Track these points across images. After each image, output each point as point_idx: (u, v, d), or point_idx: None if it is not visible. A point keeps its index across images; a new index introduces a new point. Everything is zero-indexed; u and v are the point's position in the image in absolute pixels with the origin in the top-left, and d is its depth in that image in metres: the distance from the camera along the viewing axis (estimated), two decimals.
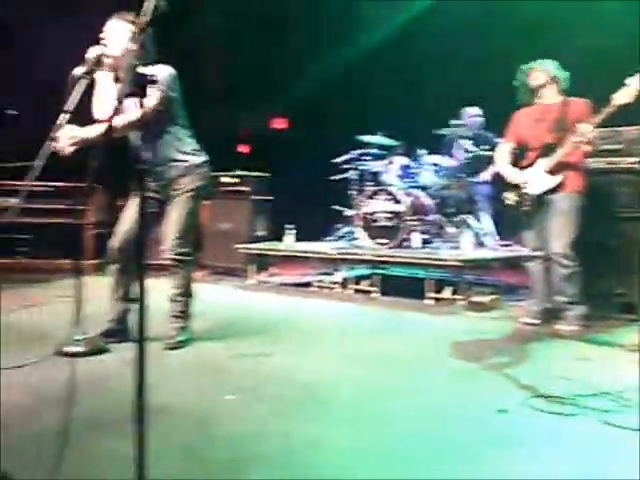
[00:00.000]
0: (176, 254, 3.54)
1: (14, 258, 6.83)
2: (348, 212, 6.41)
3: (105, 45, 3.35)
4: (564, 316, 4.12)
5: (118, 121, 3.15)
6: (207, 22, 8.01)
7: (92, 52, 3.26)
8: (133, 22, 3.41)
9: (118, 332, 3.60)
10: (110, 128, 1.90)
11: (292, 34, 8.66)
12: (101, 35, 3.41)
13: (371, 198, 5.99)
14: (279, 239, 6.61)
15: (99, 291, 3.60)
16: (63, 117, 2.97)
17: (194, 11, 7.32)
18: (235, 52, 8.75)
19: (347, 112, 8.02)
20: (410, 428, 2.38)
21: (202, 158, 3.68)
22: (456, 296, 5.08)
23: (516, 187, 4.26)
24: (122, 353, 3.32)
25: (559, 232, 4.04)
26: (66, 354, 3.20)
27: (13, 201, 6.64)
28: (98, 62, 3.28)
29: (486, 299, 4.91)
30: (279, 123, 9.98)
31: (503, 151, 4.45)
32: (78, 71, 3.09)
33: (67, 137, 3.17)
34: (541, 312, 4.32)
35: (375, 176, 6.37)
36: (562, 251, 4.00)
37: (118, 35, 3.40)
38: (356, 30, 8.25)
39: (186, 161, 3.58)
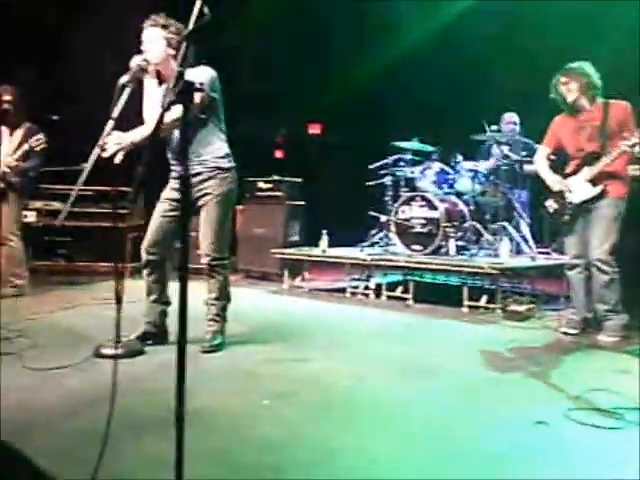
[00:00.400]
0: (211, 260, 3.57)
1: (54, 261, 7.00)
2: (383, 218, 6.39)
3: (145, 53, 3.42)
4: (604, 326, 4.03)
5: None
6: (245, 26, 8.07)
7: (134, 61, 3.34)
8: (165, 26, 3.48)
9: (155, 335, 3.65)
10: (156, 131, 1.93)
11: (329, 38, 8.67)
12: (142, 43, 3.48)
13: (406, 204, 5.95)
14: (313, 244, 6.62)
15: (138, 294, 3.66)
16: (109, 124, 3.05)
17: (232, 16, 7.39)
18: (271, 57, 8.82)
19: (383, 117, 7.99)
20: (445, 438, 2.35)
21: (231, 164, 3.68)
22: (492, 304, 5.01)
23: (557, 195, 4.19)
24: (160, 355, 3.37)
25: (601, 238, 3.95)
26: (104, 356, 3.26)
27: (56, 205, 6.82)
28: (141, 70, 3.36)
29: (523, 308, 4.82)
30: (314, 128, 10.01)
31: (541, 156, 4.38)
32: (123, 80, 3.17)
33: (114, 143, 3.24)
34: (581, 322, 4.23)
35: (411, 182, 6.34)
36: (604, 257, 3.92)
37: (156, 42, 3.47)
38: (393, 34, 8.21)
39: (214, 164, 3.58)
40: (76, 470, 1.84)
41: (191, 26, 1.48)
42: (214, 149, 3.59)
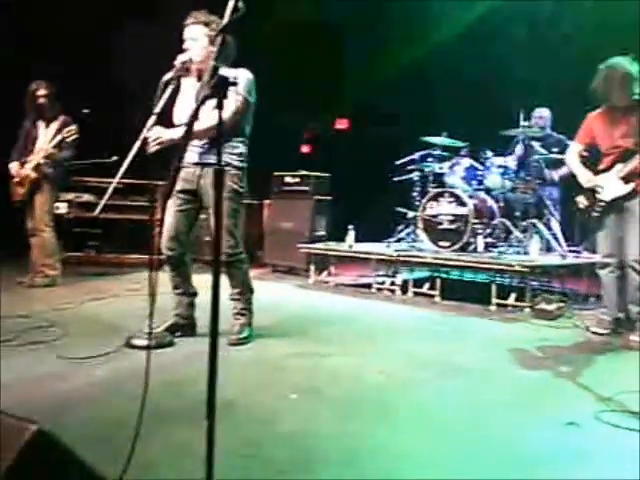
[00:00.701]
0: (228, 256, 3.55)
1: (85, 252, 7.11)
2: (410, 214, 6.35)
3: (188, 51, 3.44)
4: (637, 327, 3.95)
5: (199, 126, 3.22)
6: (275, 23, 8.09)
7: (179, 59, 3.38)
8: (207, 23, 3.48)
9: (184, 326, 3.68)
10: (189, 131, 1.95)
11: (357, 34, 8.64)
12: (184, 41, 3.50)
13: (434, 200, 5.90)
14: (339, 239, 6.62)
15: (167, 285, 3.69)
16: (151, 119, 3.11)
17: (262, 11, 7.40)
18: (299, 53, 8.82)
19: (411, 113, 7.93)
20: (474, 438, 2.33)
21: (243, 164, 3.62)
22: (521, 303, 4.95)
23: (588, 191, 4.12)
24: (188, 347, 3.41)
25: (636, 238, 3.87)
26: (135, 346, 3.31)
27: (86, 197, 6.92)
28: (185, 68, 3.41)
29: (553, 307, 4.75)
30: (341, 123, 9.99)
31: (573, 152, 4.31)
32: (166, 77, 3.22)
33: (154, 138, 3.28)
34: (612, 322, 4.16)
35: (439, 178, 6.28)
36: (639, 258, 3.85)
37: (199, 40, 3.48)
38: (421, 30, 8.15)
39: (228, 159, 3.53)
40: (105, 460, 1.87)
41: (225, 20, 1.48)
42: (230, 145, 3.56)
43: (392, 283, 5.87)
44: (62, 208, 6.58)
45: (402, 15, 8.11)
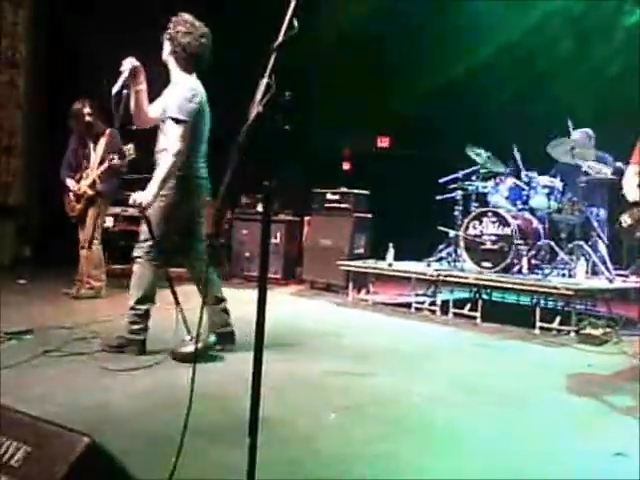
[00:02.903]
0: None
1: (130, 264, 7.23)
2: (451, 233, 6.27)
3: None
4: None
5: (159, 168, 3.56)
6: (316, 38, 8.17)
7: (125, 65, 3.46)
8: (164, 27, 3.58)
9: (223, 335, 3.70)
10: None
11: (399, 51, 8.65)
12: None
13: (477, 219, 5.82)
14: (378, 257, 6.58)
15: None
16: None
17: (304, 28, 7.50)
18: (340, 71, 8.88)
19: (455, 131, 7.88)
20: (519, 467, 2.26)
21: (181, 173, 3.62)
22: (566, 327, 4.82)
23: (634, 209, 3.98)
24: (228, 362, 3.42)
25: None
26: (178, 358, 3.34)
27: (132, 211, 7.06)
28: (133, 75, 3.47)
29: (599, 332, 4.60)
30: (383, 142, 9.99)
31: (630, 174, 4.18)
32: (116, 88, 3.40)
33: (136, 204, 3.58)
34: None
35: (482, 197, 6.20)
36: None
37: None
38: (465, 46, 8.12)
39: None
40: (145, 474, 1.88)
41: (281, 38, 1.49)
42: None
43: (432, 303, 5.79)
44: (108, 221, 6.73)
45: (446, 32, 8.10)
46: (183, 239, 3.81)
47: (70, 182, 5.62)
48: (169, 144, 3.47)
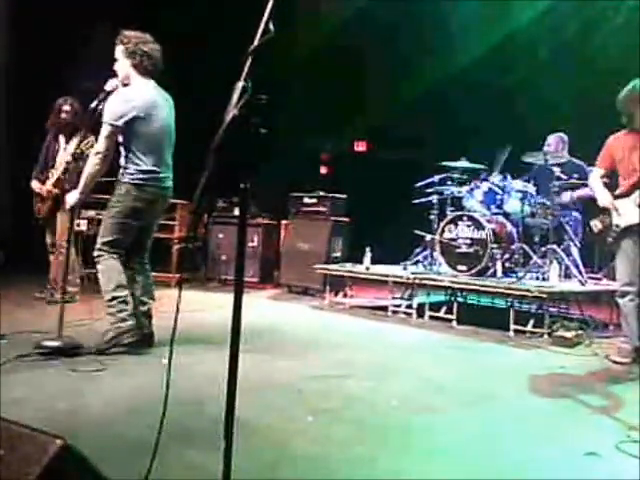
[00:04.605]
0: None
1: None
2: (428, 237, 6.33)
3: (115, 78, 3.74)
4: None
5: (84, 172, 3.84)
6: (293, 45, 8.20)
7: (108, 86, 3.69)
8: (122, 41, 3.73)
9: (139, 337, 3.72)
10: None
11: (376, 57, 8.72)
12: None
13: (453, 223, 5.88)
14: (355, 260, 6.61)
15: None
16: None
17: (281, 34, 7.52)
18: (319, 75, 8.92)
19: (430, 136, 7.97)
20: (486, 466, 2.29)
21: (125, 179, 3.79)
22: (539, 329, 4.89)
23: (604, 214, 4.07)
24: (204, 365, 3.41)
25: None
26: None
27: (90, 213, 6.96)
28: (110, 93, 3.68)
29: (572, 334, 4.68)
30: (360, 146, 10.05)
31: (595, 177, 4.27)
32: (94, 104, 3.69)
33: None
34: (632, 351, 4.09)
35: (457, 201, 6.27)
36: None
37: (120, 59, 3.76)
38: (441, 54, 8.20)
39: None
40: (120, 477, 1.87)
41: (256, 42, 1.50)
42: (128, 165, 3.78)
43: (408, 306, 5.84)
44: (82, 225, 6.64)
45: (422, 38, 8.18)
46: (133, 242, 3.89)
47: (34, 183, 5.54)
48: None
